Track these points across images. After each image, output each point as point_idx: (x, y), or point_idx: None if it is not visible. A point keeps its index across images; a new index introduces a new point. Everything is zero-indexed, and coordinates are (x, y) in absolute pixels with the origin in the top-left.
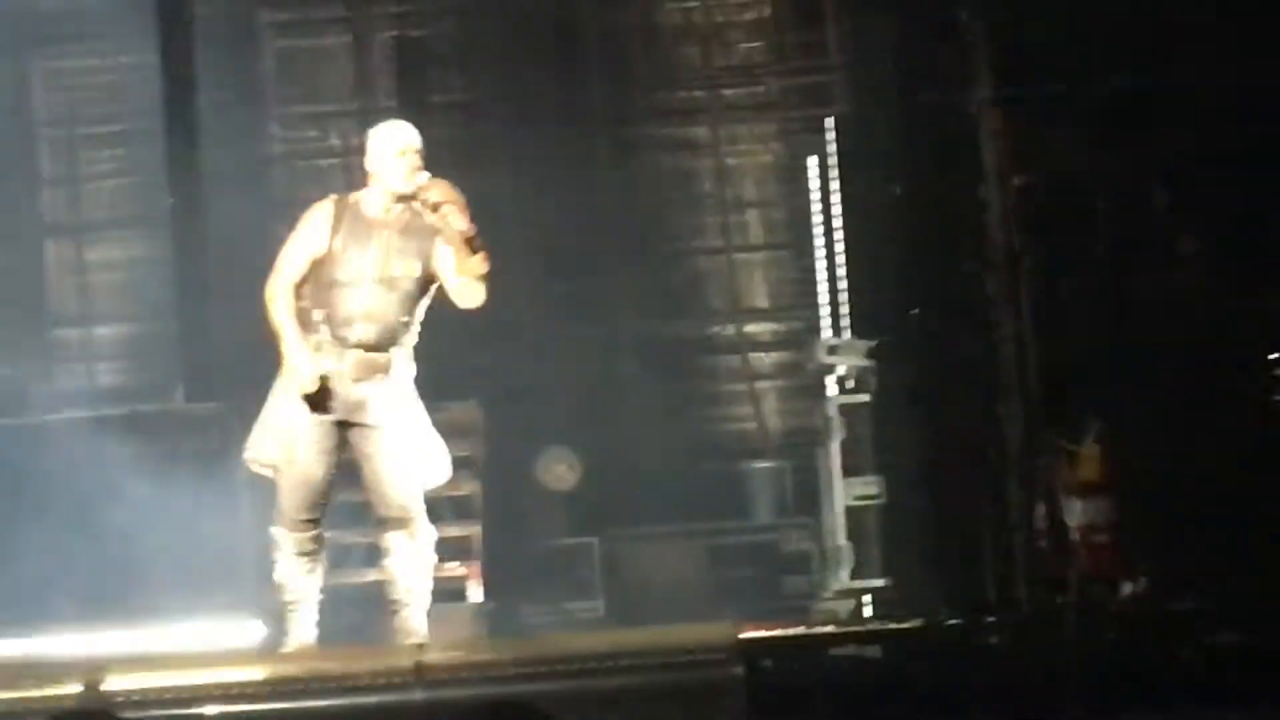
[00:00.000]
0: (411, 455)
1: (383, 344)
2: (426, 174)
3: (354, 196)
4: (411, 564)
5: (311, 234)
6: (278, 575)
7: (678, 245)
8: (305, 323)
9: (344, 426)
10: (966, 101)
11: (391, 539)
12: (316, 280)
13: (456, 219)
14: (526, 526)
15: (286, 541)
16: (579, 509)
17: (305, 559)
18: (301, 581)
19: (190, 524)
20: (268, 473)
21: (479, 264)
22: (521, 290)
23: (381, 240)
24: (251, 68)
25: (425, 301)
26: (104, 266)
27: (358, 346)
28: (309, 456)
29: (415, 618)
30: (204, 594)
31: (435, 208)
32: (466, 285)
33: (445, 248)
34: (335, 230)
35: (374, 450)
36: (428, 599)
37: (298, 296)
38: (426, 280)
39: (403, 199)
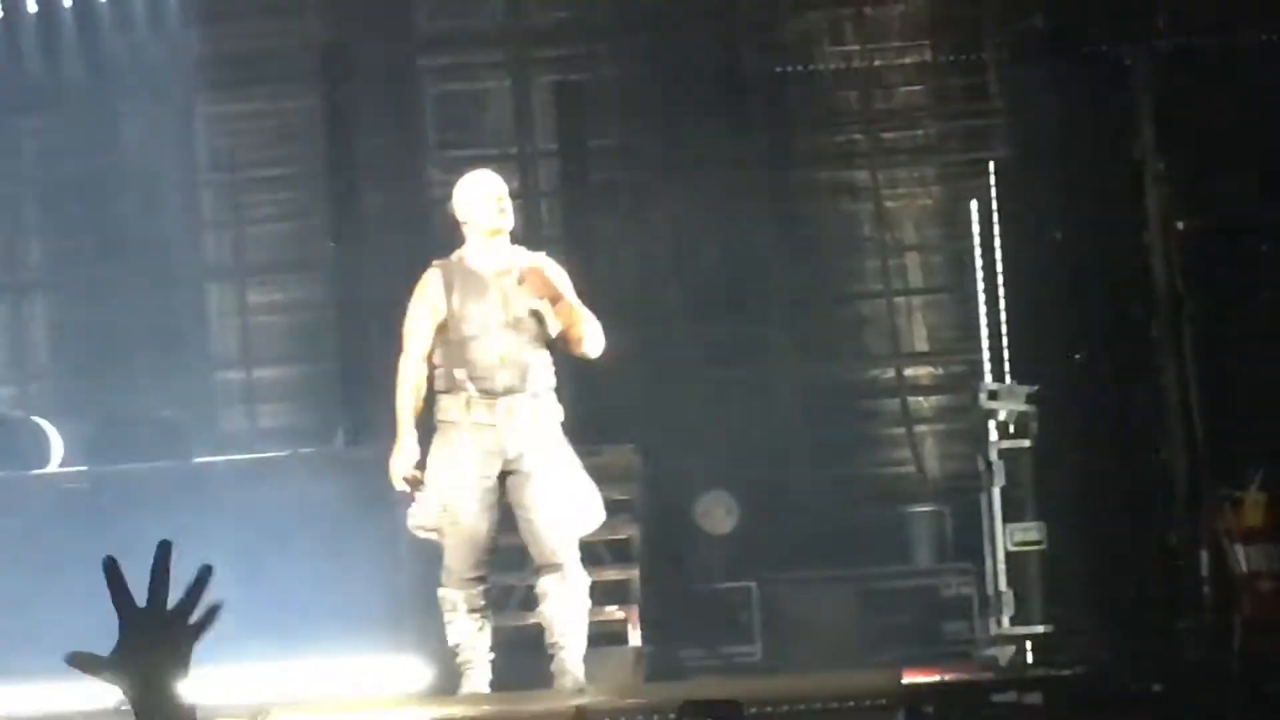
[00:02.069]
0: (563, 501)
1: (526, 387)
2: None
3: (455, 256)
4: (565, 608)
5: (427, 303)
6: (452, 636)
7: (837, 288)
8: (449, 383)
9: (502, 478)
10: (1130, 146)
11: (546, 584)
12: (446, 342)
13: (551, 322)
14: (685, 570)
15: (458, 601)
16: (737, 553)
17: (477, 616)
18: (476, 640)
19: (351, 566)
20: (433, 537)
21: (589, 343)
22: (680, 334)
23: (498, 286)
24: (411, 112)
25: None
26: (265, 309)
27: (505, 393)
28: (471, 515)
29: (572, 661)
30: (365, 636)
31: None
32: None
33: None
34: (450, 291)
35: (527, 498)
36: (583, 643)
37: (433, 363)
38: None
39: (502, 242)
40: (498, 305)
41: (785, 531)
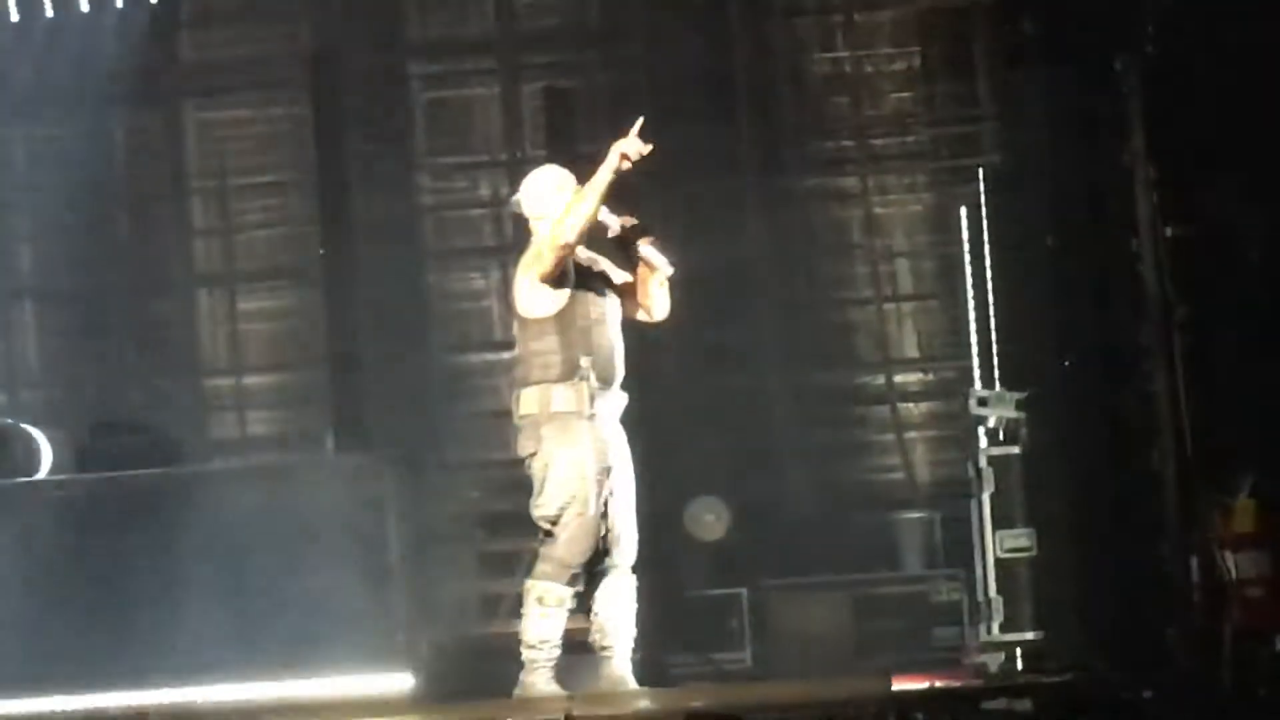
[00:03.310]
0: (633, 501)
1: (622, 379)
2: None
3: None
4: (623, 611)
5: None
6: (541, 631)
7: (827, 295)
8: (570, 371)
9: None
10: (1119, 152)
11: (609, 584)
12: (567, 327)
13: (662, 263)
14: (675, 576)
15: (565, 597)
16: (727, 559)
17: (567, 613)
18: (559, 638)
19: (339, 573)
20: (548, 527)
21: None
22: (670, 339)
23: (597, 276)
24: (401, 119)
25: None
26: (255, 316)
27: (616, 383)
28: (595, 504)
29: (620, 664)
30: (352, 643)
31: (636, 250)
32: (655, 305)
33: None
34: (574, 270)
35: (614, 497)
36: (630, 646)
37: (550, 342)
38: None
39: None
40: (600, 292)
41: (775, 538)
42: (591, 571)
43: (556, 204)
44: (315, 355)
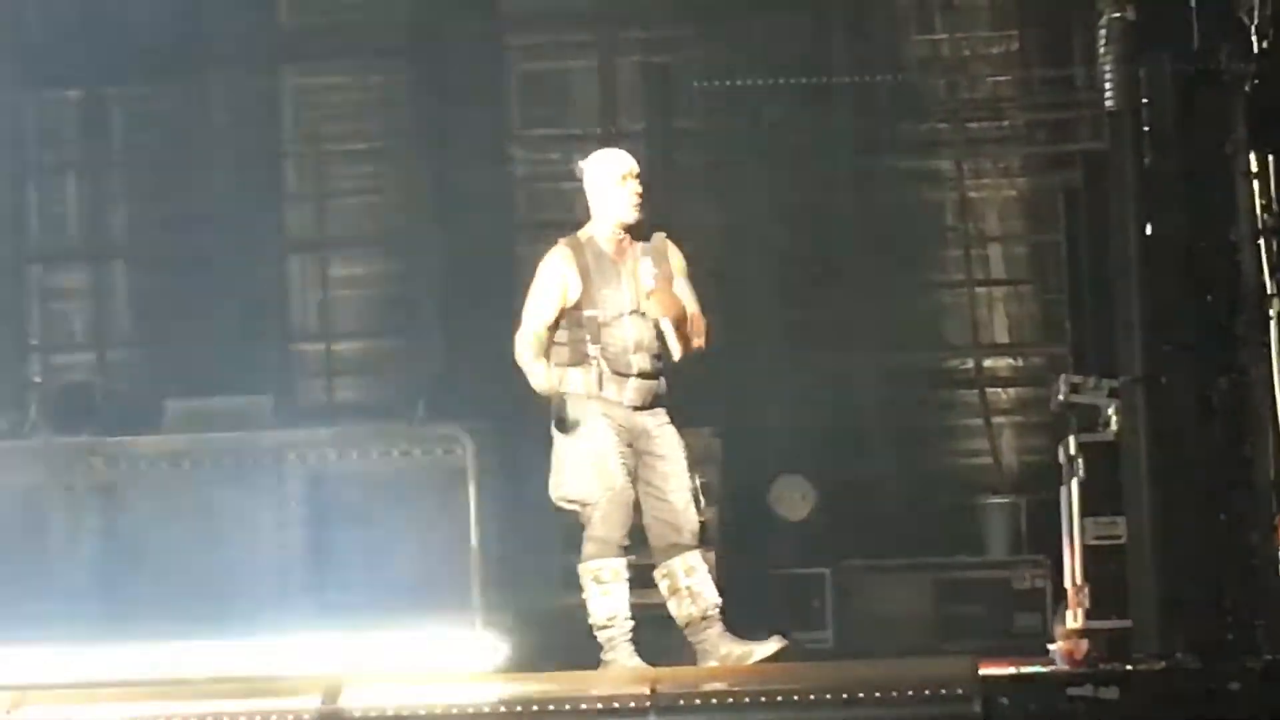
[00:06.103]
0: (688, 482)
1: (655, 370)
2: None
3: (584, 235)
4: (710, 585)
5: (558, 282)
6: (606, 608)
7: (918, 277)
8: (579, 357)
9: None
10: (1221, 141)
11: (689, 560)
12: (578, 320)
13: (673, 342)
14: (759, 555)
15: (620, 569)
16: (811, 539)
17: (628, 585)
18: (627, 608)
19: (428, 540)
20: (576, 508)
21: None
22: (760, 319)
23: (628, 273)
24: (497, 89)
25: None
26: (347, 283)
27: (639, 376)
28: (624, 478)
29: (726, 634)
30: (438, 611)
31: (655, 323)
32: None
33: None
34: (584, 274)
35: (662, 479)
36: None
37: (563, 334)
38: None
39: (629, 229)
40: (630, 291)
41: (860, 519)
42: (665, 555)
43: (611, 198)
44: (405, 323)
